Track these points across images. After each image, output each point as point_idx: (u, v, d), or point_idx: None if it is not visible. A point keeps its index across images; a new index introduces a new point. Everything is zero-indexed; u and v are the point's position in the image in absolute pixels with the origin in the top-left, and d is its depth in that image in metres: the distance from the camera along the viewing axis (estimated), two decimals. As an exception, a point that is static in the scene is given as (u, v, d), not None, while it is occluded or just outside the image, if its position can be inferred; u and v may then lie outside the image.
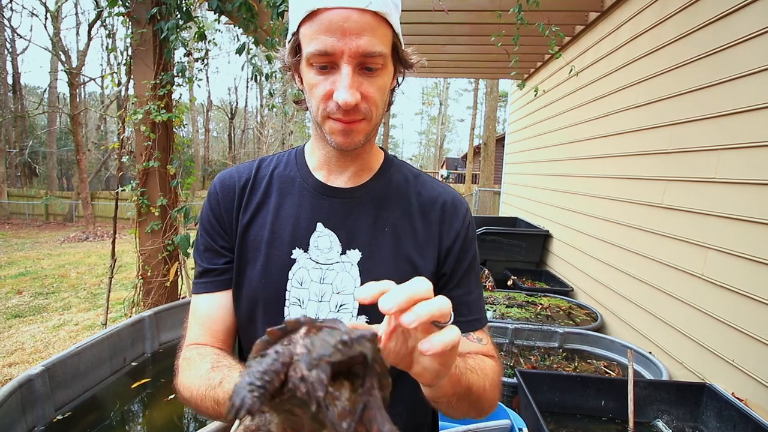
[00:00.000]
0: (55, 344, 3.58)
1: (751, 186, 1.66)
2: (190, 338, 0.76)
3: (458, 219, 0.76)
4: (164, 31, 2.25)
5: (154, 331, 2.13)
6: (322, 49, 0.59)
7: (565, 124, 3.74)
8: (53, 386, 1.56)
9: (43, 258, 7.42)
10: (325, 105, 0.63)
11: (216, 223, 0.76)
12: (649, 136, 2.39)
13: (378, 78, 0.64)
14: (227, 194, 0.76)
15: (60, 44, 12.54)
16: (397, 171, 0.79)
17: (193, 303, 0.77)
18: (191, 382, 0.65)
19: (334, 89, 0.61)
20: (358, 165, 0.75)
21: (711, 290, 1.83)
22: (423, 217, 0.75)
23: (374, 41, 0.60)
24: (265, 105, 21.82)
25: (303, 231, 0.73)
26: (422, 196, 0.77)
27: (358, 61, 0.61)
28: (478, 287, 0.78)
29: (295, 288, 0.71)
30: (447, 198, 0.78)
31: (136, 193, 2.35)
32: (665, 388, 1.74)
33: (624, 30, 2.75)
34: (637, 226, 2.45)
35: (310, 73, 0.63)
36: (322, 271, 0.71)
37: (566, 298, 3.15)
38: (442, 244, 0.74)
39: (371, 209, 0.74)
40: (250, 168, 0.79)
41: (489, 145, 12.55)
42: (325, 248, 0.72)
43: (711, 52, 1.91)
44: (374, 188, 0.76)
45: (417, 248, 0.73)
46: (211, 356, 0.68)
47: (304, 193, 0.75)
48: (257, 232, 0.74)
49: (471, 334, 0.73)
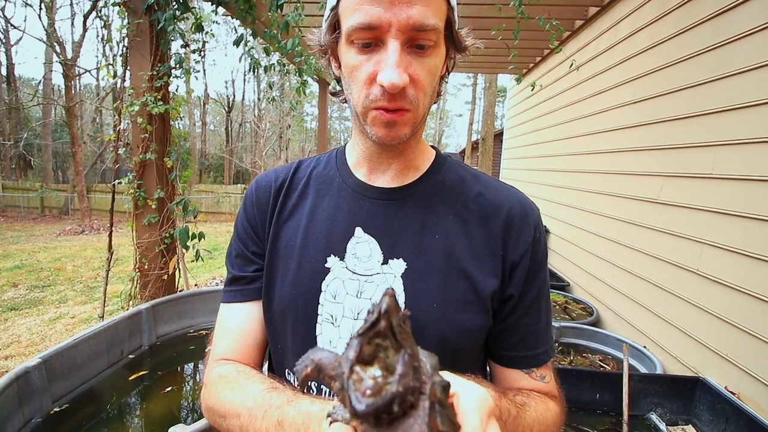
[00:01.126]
0: (51, 337, 3.57)
1: (746, 182, 1.67)
2: (218, 352, 0.68)
3: (528, 229, 0.64)
4: (161, 21, 2.22)
5: (151, 324, 2.13)
6: (366, 21, 0.51)
7: (563, 120, 3.74)
8: (50, 378, 1.56)
9: (38, 251, 7.38)
10: (368, 91, 0.55)
11: (249, 226, 0.69)
12: (647, 132, 2.39)
13: (429, 58, 0.55)
14: (262, 196, 0.69)
15: (55, 35, 12.38)
16: (450, 170, 0.69)
17: (221, 313, 0.70)
18: (241, 401, 0.57)
19: (378, 70, 0.53)
20: (403, 162, 0.66)
21: (706, 285, 1.85)
22: (483, 224, 0.63)
23: (427, 12, 0.51)
24: (264, 98, 21.68)
25: (339, 236, 0.64)
26: (483, 198, 0.65)
27: (407, 35, 0.52)
28: (549, 313, 0.67)
29: (328, 302, 0.62)
30: (515, 203, 0.65)
31: (132, 186, 2.34)
32: (659, 382, 1.76)
33: (623, 25, 2.74)
34: (633, 221, 2.46)
35: (351, 52, 0.55)
36: (359, 284, 0.62)
37: (562, 293, 3.17)
38: (507, 258, 0.62)
39: (419, 212, 0.64)
40: (288, 169, 0.72)
41: (487, 140, 12.54)
42: (364, 256, 0.62)
43: (708, 49, 1.91)
44: (423, 188, 0.66)
45: (474, 260, 0.61)
46: (258, 376, 0.62)
47: (343, 194, 0.66)
48: (290, 238, 0.66)
49: (534, 371, 0.63)
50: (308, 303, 0.63)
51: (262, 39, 3.04)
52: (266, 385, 0.57)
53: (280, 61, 3.29)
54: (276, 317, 0.66)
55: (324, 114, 6.22)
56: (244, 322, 0.68)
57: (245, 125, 26.13)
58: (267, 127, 22.85)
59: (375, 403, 0.29)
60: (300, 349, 0.64)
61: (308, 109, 27.94)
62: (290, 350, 0.66)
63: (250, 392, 0.57)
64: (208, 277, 5.36)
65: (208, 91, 24.43)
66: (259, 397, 0.55)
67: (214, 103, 26.64)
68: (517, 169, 5.39)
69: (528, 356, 0.63)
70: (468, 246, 0.62)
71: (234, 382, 0.60)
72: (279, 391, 0.56)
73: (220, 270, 5.75)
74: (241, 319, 0.68)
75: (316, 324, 0.63)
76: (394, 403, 0.29)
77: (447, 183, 0.67)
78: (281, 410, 0.51)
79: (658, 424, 1.70)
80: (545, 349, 0.64)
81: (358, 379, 0.31)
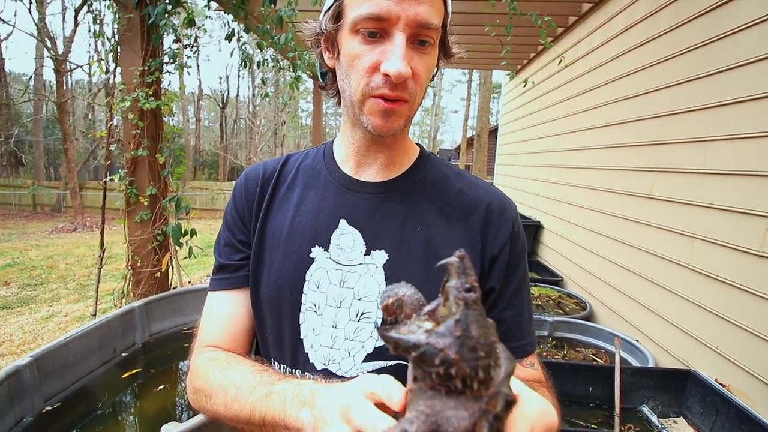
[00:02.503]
0: (44, 335, 3.55)
1: (737, 177, 1.68)
2: (206, 339, 0.68)
3: (506, 224, 0.66)
4: (152, 16, 2.20)
5: (144, 322, 2.12)
6: (375, 11, 0.53)
7: (557, 116, 3.75)
8: (42, 377, 1.55)
9: (30, 249, 7.31)
10: (369, 79, 0.56)
11: (237, 216, 0.71)
12: (639, 127, 2.40)
13: (428, 56, 0.58)
14: (250, 186, 0.71)
15: (45, 30, 12.21)
16: (434, 167, 0.71)
17: (208, 301, 0.71)
18: (231, 379, 0.57)
19: (381, 60, 0.55)
20: (389, 156, 0.68)
21: (697, 279, 1.87)
22: (464, 219, 0.66)
23: (432, 12, 0.55)
24: (258, 94, 21.53)
25: (324, 227, 0.66)
26: (464, 195, 0.68)
27: (413, 31, 0.54)
28: (530, 305, 0.69)
29: (312, 291, 0.64)
30: (493, 199, 0.68)
31: (124, 182, 2.31)
32: (651, 375, 1.77)
33: (617, 21, 2.75)
34: (626, 216, 2.48)
35: (354, 41, 0.56)
36: (342, 273, 0.64)
37: (556, 287, 3.19)
38: (486, 252, 0.64)
39: (401, 206, 0.66)
40: (277, 162, 0.74)
41: (482, 136, 12.56)
42: (348, 247, 0.64)
43: (702, 44, 1.92)
44: (406, 183, 0.68)
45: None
46: (249, 360, 0.62)
47: (329, 187, 0.68)
48: (277, 228, 0.68)
49: (524, 360, 0.66)
50: (293, 292, 0.64)
51: (255, 34, 3.01)
52: (257, 367, 0.59)
53: (273, 56, 3.27)
54: (262, 306, 0.67)
55: (319, 110, 6.20)
56: (231, 310, 0.69)
57: (240, 121, 25.98)
58: (262, 124, 22.72)
59: (394, 338, 0.33)
60: (283, 338, 0.66)
61: (303, 105, 27.82)
62: (275, 338, 0.67)
63: (240, 372, 0.58)
64: (202, 274, 5.33)
65: (202, 87, 24.23)
66: (249, 376, 0.56)
67: (208, 99, 26.45)
68: (512, 165, 5.40)
69: (515, 347, 0.65)
70: (449, 239, 0.64)
71: (225, 363, 0.61)
72: (270, 372, 0.57)
73: (214, 267, 5.72)
74: (228, 307, 0.70)
75: (300, 313, 0.64)
76: (412, 350, 0.31)
77: (429, 179, 0.69)
78: (271, 385, 0.52)
79: (650, 416, 1.72)
80: (530, 340, 0.67)
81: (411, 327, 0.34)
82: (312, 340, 0.64)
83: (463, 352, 0.30)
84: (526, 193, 4.63)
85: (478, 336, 0.31)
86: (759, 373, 1.52)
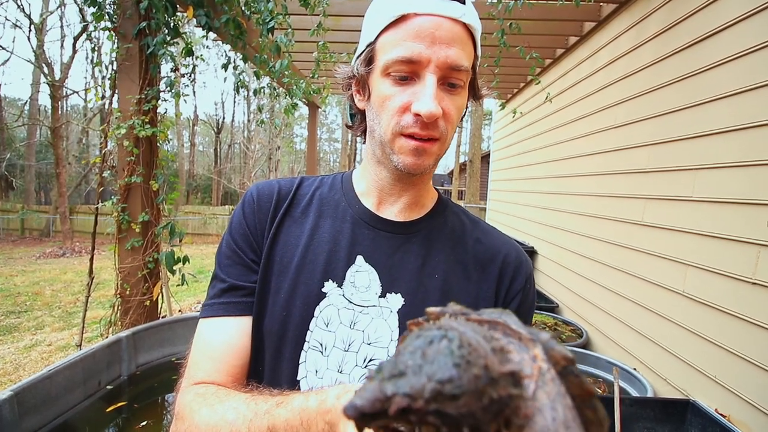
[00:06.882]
0: (26, 366, 3.41)
1: (726, 204, 1.71)
2: (197, 375, 0.60)
3: (520, 278, 0.66)
4: (151, 46, 2.24)
5: (131, 353, 2.05)
6: (407, 55, 0.54)
7: (547, 143, 3.83)
8: (22, 412, 1.48)
9: (16, 274, 7.13)
10: (399, 118, 0.57)
11: (249, 233, 0.65)
12: (629, 155, 2.46)
13: (458, 97, 0.59)
14: (264, 203, 0.66)
15: (43, 56, 12.37)
16: (453, 213, 0.70)
17: (202, 331, 0.63)
18: (221, 416, 0.51)
19: (412, 100, 0.56)
20: (413, 196, 0.66)
21: (692, 306, 1.87)
22: (481, 268, 0.65)
23: (462, 55, 0.56)
24: (253, 120, 21.79)
25: (340, 262, 0.62)
26: (481, 244, 0.67)
27: (443, 73, 0.55)
28: None
29: (319, 329, 0.60)
30: (510, 251, 0.67)
31: (116, 209, 2.29)
32: (650, 405, 1.74)
33: (602, 54, 2.85)
34: (619, 243, 2.50)
35: (385, 83, 0.57)
36: (354, 314, 0.60)
37: (552, 314, 3.17)
38: (498, 302, 0.64)
39: (421, 250, 0.64)
40: (291, 183, 0.70)
41: (474, 162, 12.74)
42: (363, 286, 0.61)
43: (685, 76, 1.99)
44: (427, 227, 0.67)
45: (470, 304, 0.58)
46: (237, 392, 0.56)
47: (347, 219, 0.66)
48: (286, 253, 0.64)
49: None
50: (298, 327, 0.60)
51: (252, 63, 3.07)
52: (247, 395, 0.54)
53: (270, 84, 3.32)
54: (263, 337, 0.62)
55: (313, 135, 6.27)
56: (235, 340, 0.61)
57: (234, 146, 26.14)
58: (257, 149, 22.88)
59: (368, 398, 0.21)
60: (280, 375, 0.61)
61: (297, 131, 28.16)
62: (270, 373, 0.62)
63: (230, 405, 0.52)
64: (192, 301, 5.22)
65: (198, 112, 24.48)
66: (241, 407, 0.51)
67: (204, 124, 26.67)
68: (505, 190, 5.46)
69: None
70: (465, 288, 0.63)
71: (213, 398, 0.55)
72: (263, 396, 0.52)
73: (205, 293, 5.62)
74: (233, 336, 0.61)
75: (302, 351, 0.60)
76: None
77: (449, 225, 0.69)
78: (270, 415, 0.48)
79: (651, 449, 1.68)
80: None
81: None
82: (313, 382, 0.60)
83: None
84: (520, 219, 4.66)
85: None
86: (758, 402, 1.50)
